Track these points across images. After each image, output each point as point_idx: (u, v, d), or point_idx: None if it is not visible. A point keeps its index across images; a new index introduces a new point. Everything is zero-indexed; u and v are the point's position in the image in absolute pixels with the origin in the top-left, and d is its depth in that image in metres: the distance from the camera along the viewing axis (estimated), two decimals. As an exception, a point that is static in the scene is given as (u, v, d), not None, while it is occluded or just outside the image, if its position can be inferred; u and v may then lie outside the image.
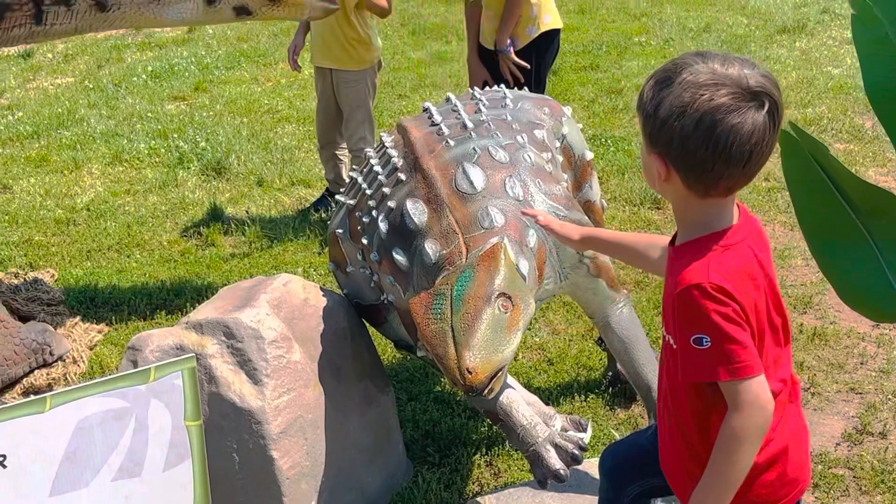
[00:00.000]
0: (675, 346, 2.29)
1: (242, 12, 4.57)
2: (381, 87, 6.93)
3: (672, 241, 2.41)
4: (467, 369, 2.81)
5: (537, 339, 4.56)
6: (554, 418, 3.55)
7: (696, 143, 2.12)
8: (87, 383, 2.57)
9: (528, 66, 5.26)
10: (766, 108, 2.12)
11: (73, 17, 4.43)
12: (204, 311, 3.39)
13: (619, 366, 3.99)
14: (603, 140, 6.55)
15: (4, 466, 2.43)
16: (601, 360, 4.32)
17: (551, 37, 5.40)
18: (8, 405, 2.44)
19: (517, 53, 5.26)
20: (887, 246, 3.05)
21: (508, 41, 5.26)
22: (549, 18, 5.36)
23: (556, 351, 4.47)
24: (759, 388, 2.18)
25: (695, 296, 2.15)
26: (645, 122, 2.22)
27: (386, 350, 4.29)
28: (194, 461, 2.65)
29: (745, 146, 2.12)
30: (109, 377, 2.58)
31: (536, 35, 5.32)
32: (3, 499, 2.43)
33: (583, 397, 4.14)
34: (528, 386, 4.05)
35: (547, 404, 3.69)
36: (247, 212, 5.86)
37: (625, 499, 2.81)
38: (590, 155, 3.84)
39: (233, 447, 3.20)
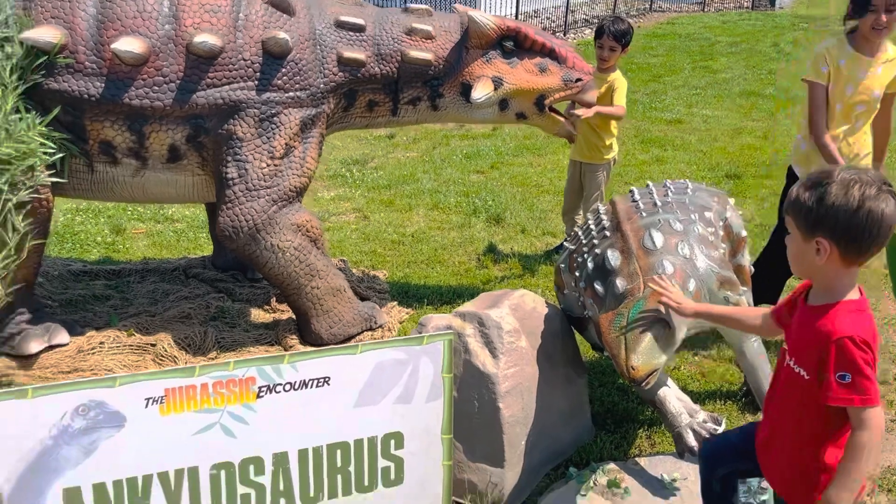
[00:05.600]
0: (806, 377, 2.23)
1: (521, 117, 4.69)
2: (614, 176, 6.88)
3: (805, 300, 2.34)
4: (632, 367, 2.78)
5: (696, 358, 4.40)
6: (698, 412, 3.44)
7: (859, 221, 2.10)
8: (385, 340, 2.71)
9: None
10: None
11: (416, 114, 4.66)
12: (467, 307, 3.49)
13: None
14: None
15: (329, 384, 2.60)
16: (740, 377, 4.12)
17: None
18: (332, 346, 2.60)
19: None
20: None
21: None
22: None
23: (707, 368, 4.30)
24: (880, 414, 2.13)
25: (846, 344, 2.11)
26: (805, 215, 2.17)
27: (588, 350, 4.24)
28: (445, 399, 2.74)
29: (889, 221, 2.11)
30: (399, 338, 2.71)
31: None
32: (327, 402, 2.60)
33: (722, 402, 3.95)
34: (684, 388, 3.91)
35: (695, 402, 3.57)
36: (511, 249, 5.94)
37: (715, 478, 2.72)
38: (744, 233, 3.69)
39: (474, 396, 3.29)
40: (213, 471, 2.51)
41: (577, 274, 3.47)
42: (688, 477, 3.27)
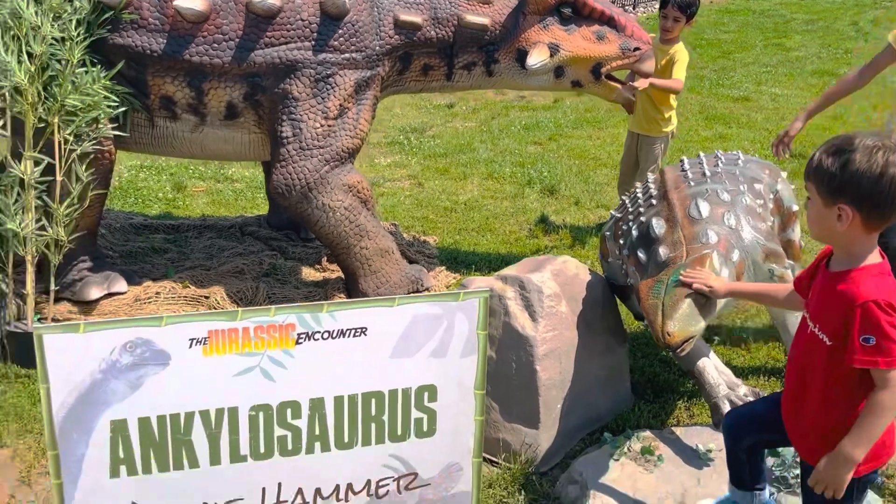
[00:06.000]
0: (828, 343, 2.24)
1: (577, 85, 4.68)
2: (673, 151, 6.81)
3: (826, 266, 2.35)
4: (667, 332, 2.80)
5: (744, 335, 4.37)
6: (740, 386, 3.43)
7: (882, 188, 2.10)
8: (421, 294, 2.77)
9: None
10: None
11: (470, 79, 4.69)
12: (509, 270, 3.54)
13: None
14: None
15: (366, 334, 2.67)
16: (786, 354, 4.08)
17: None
18: (370, 298, 2.67)
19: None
20: None
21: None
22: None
23: (755, 345, 4.27)
24: None
25: (871, 308, 2.12)
26: (828, 181, 2.18)
27: (631, 320, 4.25)
28: (479, 355, 2.78)
29: None
30: (436, 293, 2.77)
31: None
32: (363, 352, 2.67)
33: (766, 377, 3.94)
34: (728, 363, 3.89)
35: (738, 377, 3.56)
36: (563, 220, 5.95)
37: (740, 449, 2.73)
38: (795, 207, 3.65)
39: (512, 358, 3.35)
40: (252, 412, 2.60)
41: (621, 242, 3.48)
42: (723, 448, 3.27)
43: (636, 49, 4.57)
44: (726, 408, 3.22)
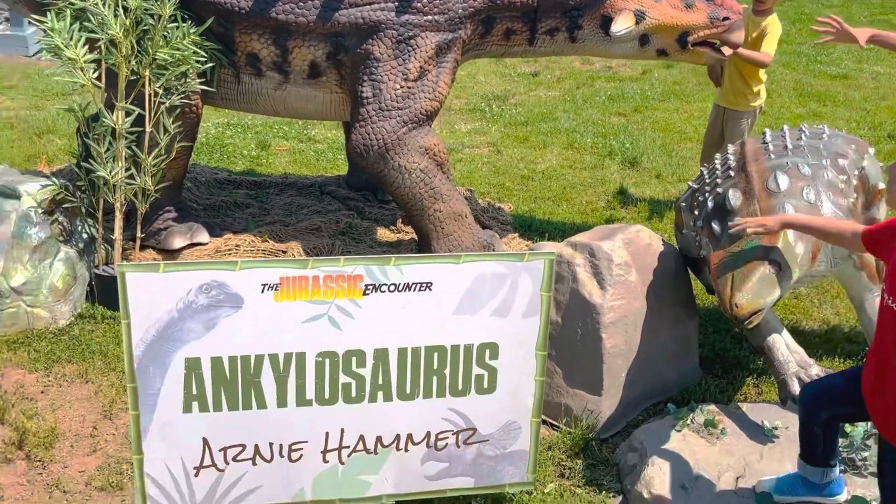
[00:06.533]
0: None
1: (662, 53, 4.61)
2: (762, 127, 6.62)
3: None
4: (735, 304, 2.78)
5: (821, 315, 4.28)
6: (812, 366, 3.38)
7: None
8: (487, 253, 2.81)
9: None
10: None
11: (552, 45, 4.67)
12: (580, 237, 3.55)
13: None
14: None
15: (431, 289, 2.74)
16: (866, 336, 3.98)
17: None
18: (436, 255, 2.72)
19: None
20: None
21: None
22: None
23: (836, 323, 4.18)
24: None
25: None
26: None
27: (704, 295, 4.20)
28: (541, 316, 2.82)
29: None
30: (501, 253, 2.81)
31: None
32: (428, 306, 2.74)
33: (841, 360, 3.85)
34: (804, 342, 3.82)
35: (810, 357, 3.50)
36: (643, 193, 5.89)
37: (816, 423, 2.67)
38: (881, 185, 3.54)
39: (578, 325, 3.37)
40: (319, 358, 2.71)
41: (696, 213, 3.45)
42: (789, 427, 3.23)
43: (725, 19, 4.47)
44: (794, 385, 3.18)
